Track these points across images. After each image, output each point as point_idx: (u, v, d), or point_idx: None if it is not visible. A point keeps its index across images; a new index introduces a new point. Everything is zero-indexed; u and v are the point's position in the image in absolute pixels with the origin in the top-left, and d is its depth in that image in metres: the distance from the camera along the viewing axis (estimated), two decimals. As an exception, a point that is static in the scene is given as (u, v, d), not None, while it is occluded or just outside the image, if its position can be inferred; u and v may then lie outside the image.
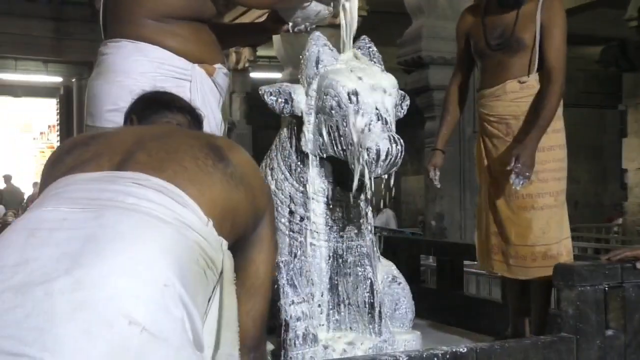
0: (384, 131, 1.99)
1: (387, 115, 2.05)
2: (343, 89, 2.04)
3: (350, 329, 2.19)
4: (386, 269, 2.36)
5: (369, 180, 2.01)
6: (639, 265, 2.11)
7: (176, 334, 1.06)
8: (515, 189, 2.47)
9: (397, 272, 2.38)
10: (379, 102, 2.04)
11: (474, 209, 3.98)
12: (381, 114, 2.03)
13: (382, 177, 2.03)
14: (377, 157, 1.94)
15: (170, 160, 1.26)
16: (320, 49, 2.16)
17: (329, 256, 2.19)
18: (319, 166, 2.16)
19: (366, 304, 2.16)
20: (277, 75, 9.89)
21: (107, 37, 2.34)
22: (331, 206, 2.17)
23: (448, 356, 1.74)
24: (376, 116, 2.02)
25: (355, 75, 2.08)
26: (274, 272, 1.45)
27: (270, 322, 2.05)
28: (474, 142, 2.98)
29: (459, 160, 5.55)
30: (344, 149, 2.05)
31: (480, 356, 1.80)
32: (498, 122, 2.64)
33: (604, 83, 12.98)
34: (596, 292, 2.04)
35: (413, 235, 8.02)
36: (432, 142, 5.23)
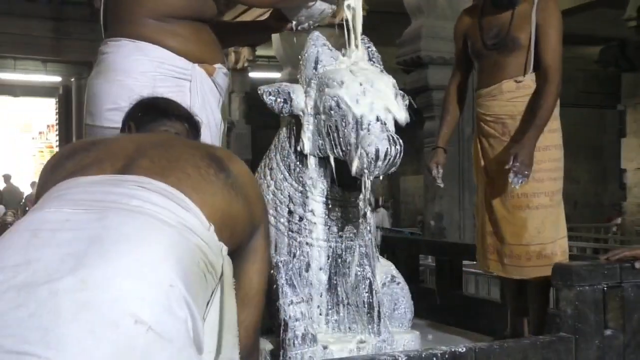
0: (382, 131, 1.99)
1: (386, 116, 2.05)
2: (342, 89, 2.04)
3: (350, 329, 2.19)
4: (385, 268, 2.37)
5: (367, 180, 2.01)
6: (637, 265, 2.11)
7: (180, 335, 1.07)
8: (513, 187, 2.47)
9: (396, 272, 2.38)
10: (378, 102, 2.04)
11: (472, 209, 3.98)
12: (380, 115, 2.03)
13: (381, 177, 2.03)
14: (376, 157, 1.94)
15: (173, 168, 1.27)
16: (320, 49, 2.16)
17: (328, 256, 2.19)
18: (318, 166, 2.16)
19: (365, 303, 2.16)
20: (276, 75, 9.89)
21: (107, 36, 2.34)
22: (330, 206, 2.17)
23: (447, 356, 1.74)
24: (375, 116, 2.02)
25: (354, 76, 2.08)
26: (266, 283, 1.46)
27: (269, 322, 2.06)
28: (472, 142, 2.98)
29: (458, 160, 5.55)
30: (342, 149, 2.05)
31: (479, 356, 1.80)
32: (494, 122, 2.65)
33: (603, 83, 13.00)
34: (595, 292, 2.04)
35: (412, 235, 8.03)
36: (431, 142, 5.26)
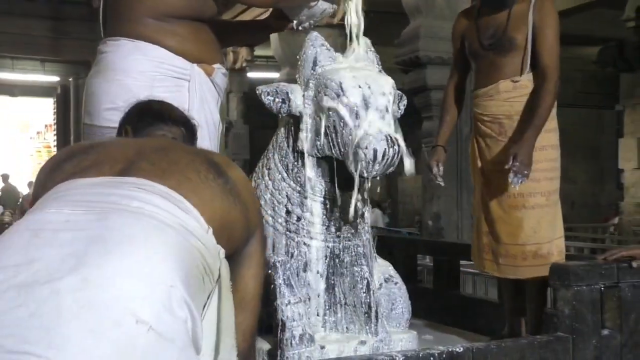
0: (380, 132, 1.99)
1: (384, 116, 2.05)
2: (340, 89, 2.04)
3: (347, 329, 2.19)
4: (383, 269, 2.37)
5: (366, 180, 2.01)
6: (634, 264, 2.12)
7: (180, 335, 1.08)
8: (509, 187, 2.48)
9: (393, 272, 2.38)
10: (376, 103, 2.05)
11: (470, 209, 3.99)
12: (378, 115, 2.03)
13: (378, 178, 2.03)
14: (374, 157, 1.94)
15: (173, 171, 1.28)
16: (318, 49, 2.16)
17: (326, 256, 2.19)
18: (316, 166, 2.16)
19: (363, 303, 2.16)
20: (275, 75, 9.90)
21: (106, 35, 2.34)
22: (328, 206, 2.17)
23: (444, 356, 1.74)
24: (373, 117, 2.02)
25: (352, 76, 2.08)
26: (262, 287, 1.48)
27: (266, 322, 2.06)
28: (470, 142, 2.99)
29: (456, 160, 5.55)
30: (341, 149, 2.05)
31: (476, 356, 1.80)
32: (491, 122, 2.66)
33: (601, 83, 13.01)
34: (592, 291, 2.04)
35: (410, 235, 8.03)
36: (429, 142, 5.26)
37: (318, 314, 2.20)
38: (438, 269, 3.50)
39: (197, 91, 2.29)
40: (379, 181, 2.11)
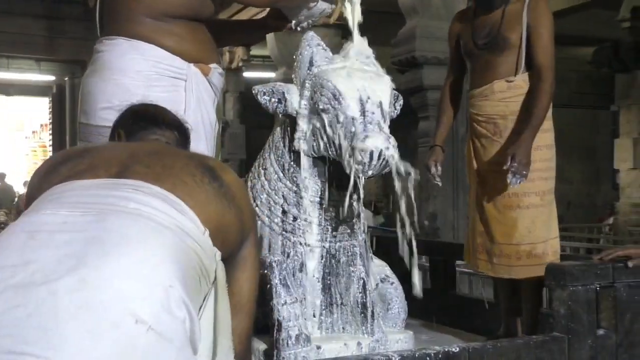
0: (376, 132, 1.99)
1: (380, 116, 2.05)
2: (337, 89, 2.04)
3: (343, 329, 2.19)
4: (379, 269, 2.37)
5: (361, 180, 2.01)
6: (630, 264, 2.12)
7: (179, 335, 1.08)
8: (504, 187, 2.49)
9: (389, 272, 2.38)
10: (372, 103, 2.05)
11: (466, 209, 3.99)
12: (374, 115, 2.03)
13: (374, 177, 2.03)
14: (370, 157, 1.94)
15: (168, 174, 1.29)
16: (314, 49, 2.16)
17: (322, 256, 2.19)
18: (312, 166, 2.16)
19: (359, 303, 2.16)
20: (271, 75, 9.88)
21: (103, 35, 2.33)
22: (324, 206, 2.17)
23: (440, 356, 1.74)
24: (370, 117, 2.02)
25: (349, 76, 2.08)
26: (257, 290, 1.48)
27: (262, 322, 2.06)
28: (466, 143, 2.99)
29: (452, 161, 5.55)
30: (337, 149, 2.05)
31: (472, 356, 1.80)
32: (486, 122, 2.66)
33: (596, 84, 13.05)
34: (588, 291, 2.05)
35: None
36: (425, 142, 5.27)
37: (314, 314, 2.20)
38: (434, 269, 3.50)
39: (193, 91, 2.29)
40: (374, 181, 2.11)
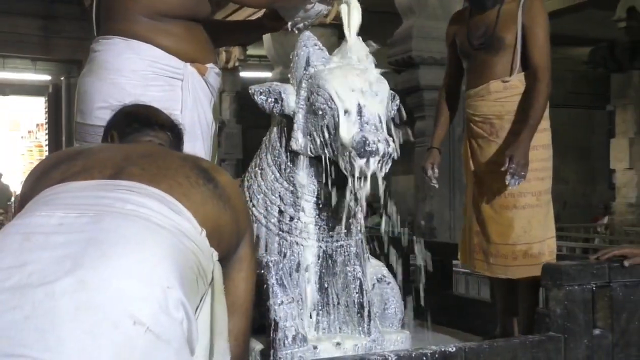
0: (374, 131, 1.99)
1: (377, 116, 2.05)
2: (333, 89, 2.04)
3: (340, 329, 2.19)
4: (376, 269, 2.37)
5: (357, 180, 2.01)
6: (626, 263, 2.12)
7: (177, 336, 1.08)
8: (500, 187, 2.49)
9: (386, 272, 2.38)
10: (369, 103, 2.04)
11: (462, 209, 3.99)
12: (371, 115, 2.03)
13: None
14: (367, 158, 1.94)
15: (164, 175, 1.28)
16: (311, 49, 2.16)
17: (319, 256, 2.19)
18: (308, 166, 2.16)
19: (355, 303, 2.16)
20: (267, 75, 9.88)
21: (99, 34, 2.33)
22: (321, 206, 2.17)
23: (437, 356, 1.75)
24: (367, 117, 2.02)
25: (345, 76, 2.07)
26: (254, 291, 1.47)
27: (259, 322, 2.06)
28: (463, 143, 3.00)
29: (449, 161, 5.55)
30: (334, 149, 2.05)
31: (469, 355, 1.80)
32: (483, 122, 2.67)
33: (592, 84, 13.07)
34: (584, 291, 2.05)
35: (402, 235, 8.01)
36: (422, 141, 5.27)
37: (310, 315, 2.19)
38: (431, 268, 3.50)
39: (190, 90, 2.29)
40: (371, 181, 2.11)
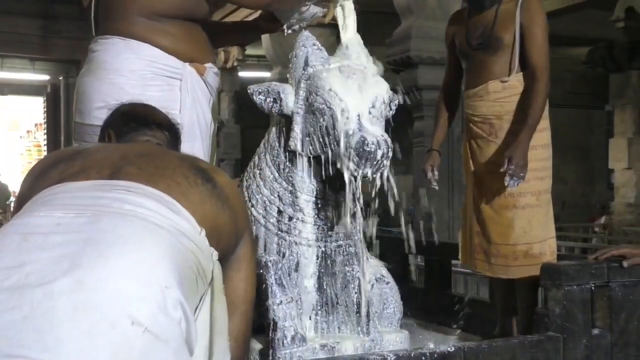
0: (371, 132, 1.99)
1: (375, 116, 2.05)
2: (332, 90, 2.04)
3: (339, 328, 2.19)
4: (375, 268, 2.37)
5: (356, 180, 2.01)
6: (625, 263, 2.12)
7: (175, 336, 1.07)
8: (500, 187, 2.49)
9: (385, 272, 2.38)
10: (368, 103, 2.04)
11: (461, 209, 3.99)
12: (370, 115, 2.03)
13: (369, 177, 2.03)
14: (366, 158, 1.94)
15: (162, 175, 1.28)
16: (309, 49, 2.15)
17: (318, 256, 2.19)
18: (307, 166, 2.15)
19: (354, 303, 2.16)
20: (266, 74, 9.88)
21: (98, 34, 2.33)
22: (320, 206, 2.17)
23: (436, 355, 1.75)
24: (365, 117, 2.02)
25: (344, 76, 2.07)
26: (253, 291, 1.47)
27: (258, 322, 2.06)
28: (462, 143, 3.00)
29: (448, 161, 5.55)
30: (332, 149, 2.05)
31: (468, 355, 1.80)
32: (482, 122, 2.66)
33: (591, 84, 13.07)
34: (583, 291, 2.05)
35: (401, 235, 8.01)
36: (420, 141, 5.27)
37: (310, 317, 2.19)
38: (429, 268, 3.50)
39: (189, 90, 2.28)
40: (370, 181, 2.11)
